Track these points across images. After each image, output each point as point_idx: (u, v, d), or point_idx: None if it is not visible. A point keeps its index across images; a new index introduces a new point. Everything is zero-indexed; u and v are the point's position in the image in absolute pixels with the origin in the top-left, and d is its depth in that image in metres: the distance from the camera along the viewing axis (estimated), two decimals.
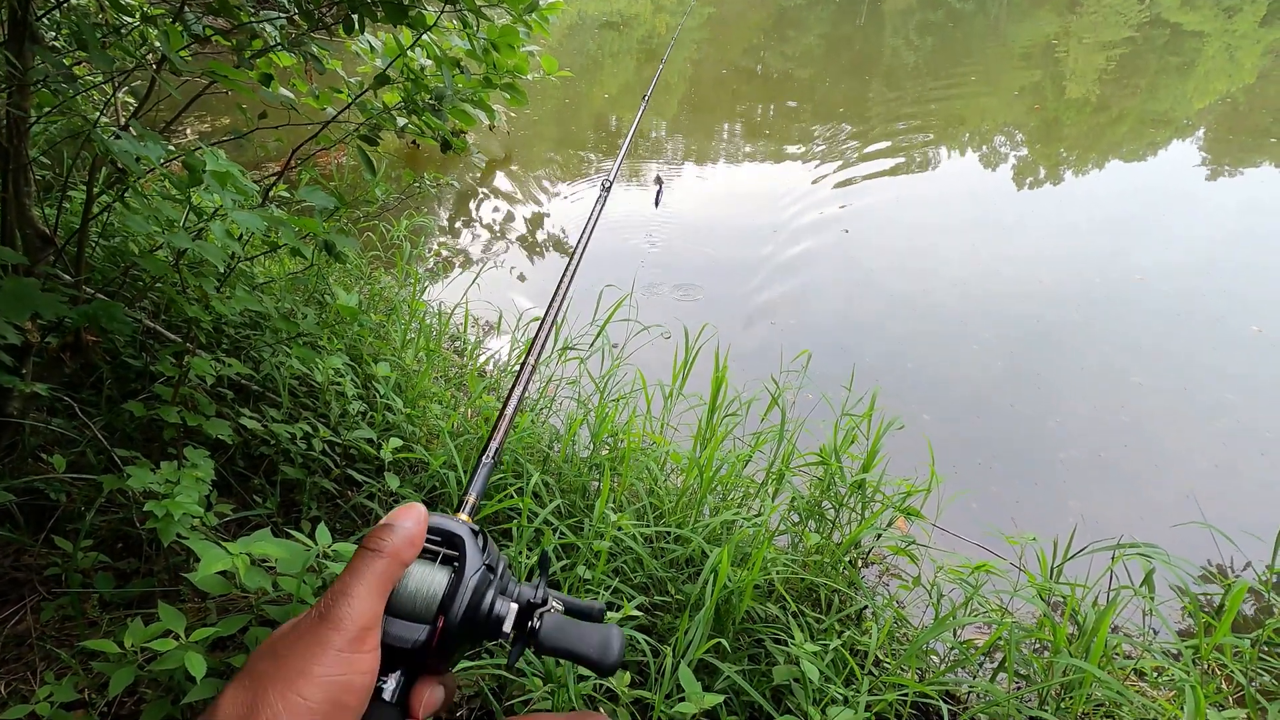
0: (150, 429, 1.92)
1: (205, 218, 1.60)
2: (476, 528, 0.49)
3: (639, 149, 7.48)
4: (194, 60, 2.16)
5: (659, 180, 5.67)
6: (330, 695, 0.36)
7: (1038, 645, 1.77)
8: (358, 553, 0.42)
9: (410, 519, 0.44)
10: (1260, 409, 3.42)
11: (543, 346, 0.80)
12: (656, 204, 5.31)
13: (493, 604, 0.46)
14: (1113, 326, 4.12)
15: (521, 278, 4.54)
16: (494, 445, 0.64)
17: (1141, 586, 1.66)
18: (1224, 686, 1.69)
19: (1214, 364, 3.74)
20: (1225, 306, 4.29)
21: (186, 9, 1.91)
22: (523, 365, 0.76)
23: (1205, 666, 1.78)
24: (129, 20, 1.97)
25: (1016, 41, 12.68)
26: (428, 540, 0.46)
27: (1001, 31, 13.62)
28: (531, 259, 4.97)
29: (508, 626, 0.46)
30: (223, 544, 1.43)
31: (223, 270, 1.61)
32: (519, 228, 5.37)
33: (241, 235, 2.02)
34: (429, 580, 0.45)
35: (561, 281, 0.93)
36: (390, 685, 0.42)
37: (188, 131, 5.23)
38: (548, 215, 5.58)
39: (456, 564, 0.46)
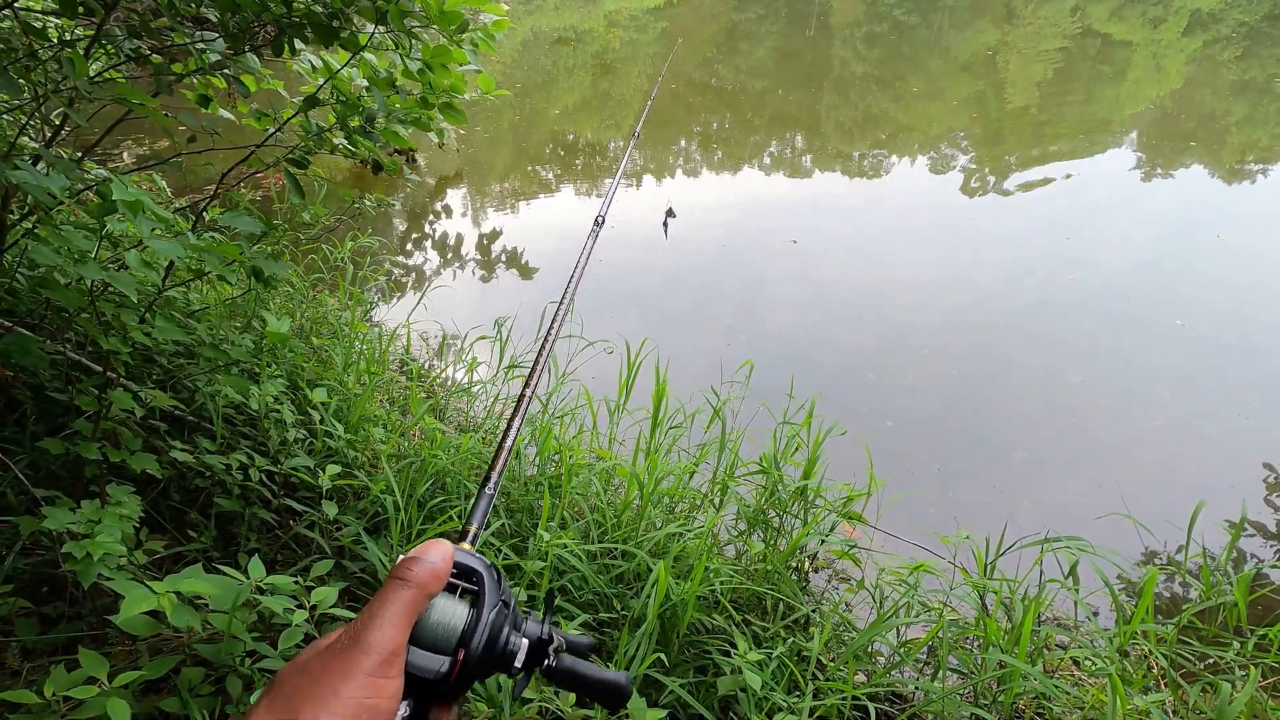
0: (76, 466, 1.85)
1: (124, 247, 1.56)
2: (491, 564, 0.51)
3: (595, 165, 7.52)
4: (127, 83, 2.11)
5: (671, 213, 5.62)
6: (357, 716, 0.38)
7: (978, 641, 1.81)
8: (388, 582, 0.44)
9: (437, 554, 0.46)
10: (1188, 402, 3.58)
11: (540, 374, 0.79)
12: (666, 234, 5.34)
13: (508, 639, 0.48)
14: (1055, 326, 4.26)
15: (472, 296, 4.52)
16: (494, 476, 0.65)
17: (1067, 578, 1.71)
18: (1152, 670, 1.75)
19: (1145, 360, 3.91)
20: (1155, 302, 4.48)
21: (115, 32, 1.86)
22: (521, 396, 0.76)
23: (1140, 651, 1.84)
24: (47, 43, 1.92)
25: (959, 53, 13.12)
26: (454, 572, 0.48)
27: (944, 42, 14.07)
28: (484, 277, 4.94)
29: (519, 661, 0.48)
30: (148, 583, 1.38)
31: (136, 300, 1.57)
32: (470, 246, 5.34)
33: (170, 263, 1.97)
34: (450, 613, 0.47)
35: (557, 313, 0.92)
36: (402, 712, 0.43)
37: (124, 156, 5.09)
38: (500, 232, 5.57)
39: (475, 599, 0.48)
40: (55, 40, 1.92)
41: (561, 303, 0.97)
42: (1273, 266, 5.06)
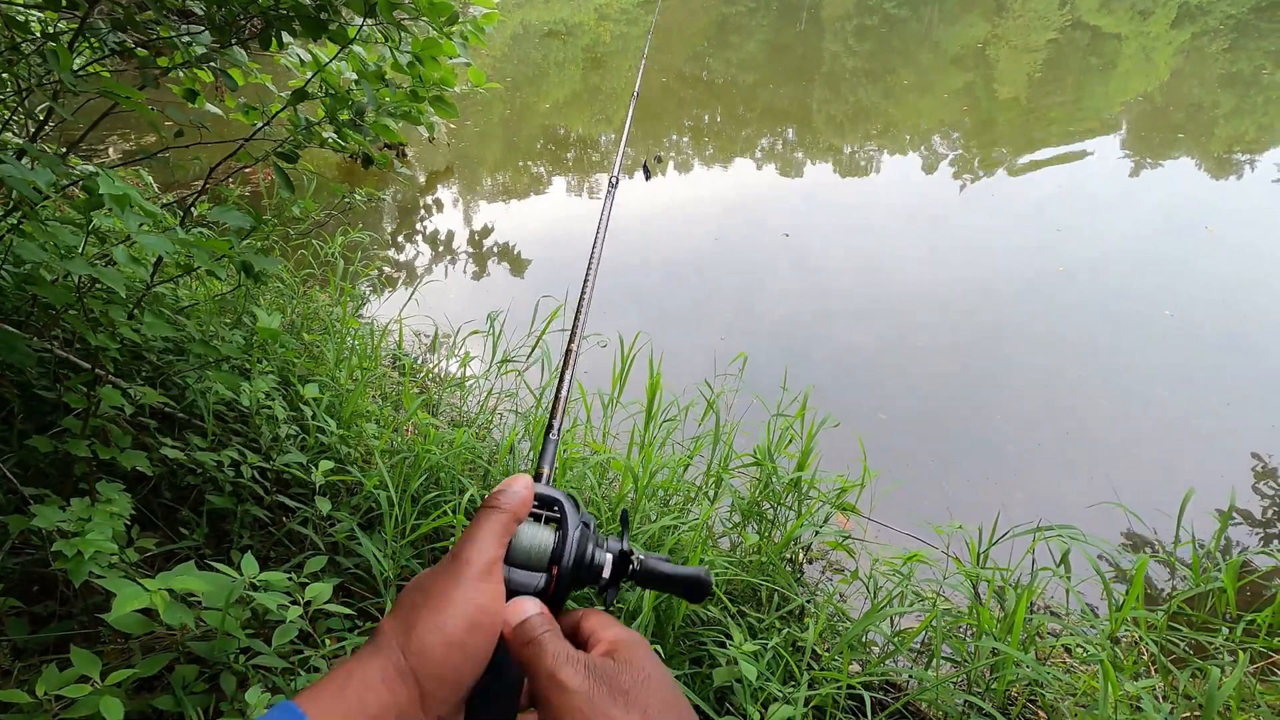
0: (65, 464, 1.84)
1: (112, 243, 1.55)
2: (568, 494, 0.57)
3: (587, 160, 7.49)
4: (113, 76, 2.08)
5: (658, 158, 6.01)
6: (468, 617, 0.45)
7: (972, 630, 1.83)
8: (480, 511, 0.50)
9: (520, 484, 0.52)
10: (1181, 395, 3.61)
11: (582, 330, 0.83)
12: (646, 177, 5.68)
13: (593, 555, 0.53)
14: (1049, 320, 4.28)
15: (464, 291, 4.50)
16: (555, 423, 0.70)
17: (1059, 567, 1.73)
18: (1143, 656, 1.77)
19: (1138, 353, 3.93)
20: (1145, 295, 4.51)
21: (99, 25, 1.84)
22: (567, 352, 0.81)
23: (1131, 638, 1.86)
24: (30, 36, 1.90)
25: (949, 46, 13.13)
26: (536, 504, 0.54)
27: (934, 36, 14.08)
28: (475, 272, 4.92)
29: (606, 573, 0.53)
30: (140, 581, 1.37)
31: (124, 295, 1.55)
32: (461, 240, 5.32)
33: (159, 259, 1.95)
34: (539, 537, 0.52)
35: (587, 276, 0.95)
36: None
37: (110, 151, 5.04)
38: (492, 227, 5.54)
39: (559, 523, 0.54)
40: (38, 34, 1.90)
41: (591, 260, 0.99)
42: (1261, 258, 5.10)
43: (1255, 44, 12.39)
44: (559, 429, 0.69)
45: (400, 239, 5.33)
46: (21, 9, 2.14)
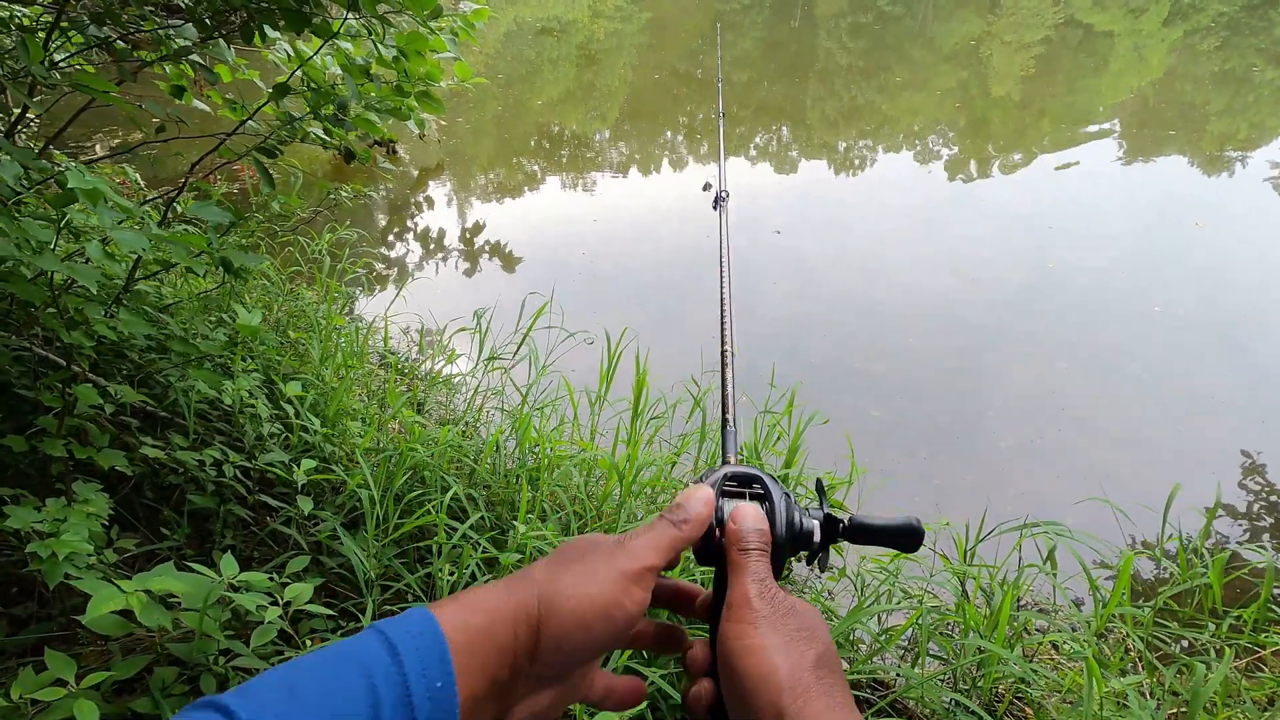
0: (44, 464, 1.81)
1: (87, 239, 1.52)
2: (763, 470, 0.59)
3: (581, 158, 7.47)
4: (95, 71, 2.06)
5: (708, 186, 6.07)
6: (601, 605, 0.45)
7: (959, 627, 1.82)
8: (660, 519, 0.51)
9: (700, 502, 0.52)
10: (1169, 388, 3.61)
11: (732, 334, 0.86)
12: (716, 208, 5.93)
13: (801, 522, 0.55)
14: (1040, 317, 4.28)
15: (454, 289, 4.47)
16: (729, 417, 0.73)
17: (1045, 563, 1.72)
18: (1129, 652, 1.76)
19: (1127, 349, 3.93)
20: (1138, 292, 4.51)
21: (82, 20, 1.81)
22: (723, 354, 0.84)
23: (1118, 634, 1.86)
24: (8, 30, 1.87)
25: (943, 43, 13.14)
26: (736, 484, 0.56)
27: (928, 33, 14.09)
28: (467, 270, 4.90)
29: (816, 537, 0.55)
30: (117, 582, 1.35)
31: (97, 292, 1.53)
32: (453, 238, 5.29)
33: (138, 255, 1.93)
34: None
35: (722, 284, 0.98)
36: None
37: (96, 148, 4.99)
38: (483, 224, 5.52)
39: (762, 498, 0.55)
40: (16, 28, 1.87)
41: (722, 273, 1.03)
42: (1251, 255, 5.11)
43: (1247, 41, 12.43)
44: (734, 419, 0.73)
45: (391, 236, 5.30)
46: (4, 4, 2.11)
